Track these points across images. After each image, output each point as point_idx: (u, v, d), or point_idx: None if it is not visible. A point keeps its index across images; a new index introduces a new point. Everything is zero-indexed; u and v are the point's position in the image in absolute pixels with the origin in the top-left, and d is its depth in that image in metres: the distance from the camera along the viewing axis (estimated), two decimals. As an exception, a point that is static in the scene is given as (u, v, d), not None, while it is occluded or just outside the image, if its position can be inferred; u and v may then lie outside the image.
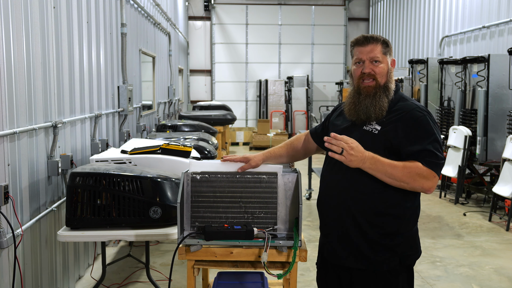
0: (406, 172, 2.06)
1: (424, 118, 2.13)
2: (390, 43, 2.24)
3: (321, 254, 2.42)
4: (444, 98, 8.14)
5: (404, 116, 2.15)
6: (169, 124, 7.23)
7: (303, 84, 15.37)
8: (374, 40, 2.19)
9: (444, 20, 10.96)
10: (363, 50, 2.20)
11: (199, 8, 16.39)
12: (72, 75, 4.10)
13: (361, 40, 2.21)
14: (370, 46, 2.18)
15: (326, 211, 2.31)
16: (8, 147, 2.95)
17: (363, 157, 2.04)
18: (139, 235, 2.94)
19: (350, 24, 16.90)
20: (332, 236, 2.29)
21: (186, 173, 2.44)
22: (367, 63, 2.19)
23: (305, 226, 5.95)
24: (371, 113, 2.17)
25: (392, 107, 2.19)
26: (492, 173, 7.07)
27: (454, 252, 5.14)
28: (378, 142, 2.14)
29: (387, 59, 2.21)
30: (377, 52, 2.18)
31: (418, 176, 2.06)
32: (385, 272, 2.20)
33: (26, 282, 3.19)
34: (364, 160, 2.05)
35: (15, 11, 3.04)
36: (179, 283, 4.19)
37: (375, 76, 2.18)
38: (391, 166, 2.06)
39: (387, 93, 2.19)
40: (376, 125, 2.17)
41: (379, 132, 2.15)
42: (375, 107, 2.16)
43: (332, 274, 2.35)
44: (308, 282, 4.26)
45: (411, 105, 2.19)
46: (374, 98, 2.17)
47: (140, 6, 7.01)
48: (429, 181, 2.08)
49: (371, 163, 2.06)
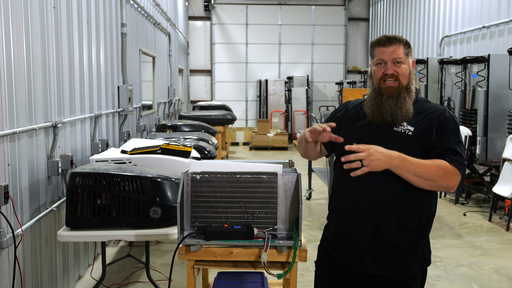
0: (434, 170, 2.03)
1: (453, 120, 2.14)
2: (411, 44, 2.21)
3: (330, 259, 2.30)
4: (444, 98, 8.14)
5: (435, 117, 2.13)
6: (169, 124, 7.23)
7: (303, 84, 15.37)
8: (396, 40, 2.16)
9: (444, 20, 10.96)
10: (385, 50, 2.15)
11: (199, 8, 16.39)
12: (72, 75, 4.10)
13: (383, 41, 2.17)
14: (392, 46, 2.15)
15: (350, 217, 2.19)
16: (8, 147, 2.95)
17: (388, 156, 2.00)
18: (139, 235, 2.94)
19: (350, 24, 16.90)
20: (354, 241, 2.18)
21: (186, 173, 2.44)
22: (390, 64, 2.15)
23: (305, 226, 5.95)
24: (398, 115, 2.12)
25: (419, 109, 2.17)
26: (492, 173, 7.07)
27: (454, 252, 5.14)
28: (414, 143, 2.10)
29: (409, 60, 2.17)
30: (399, 52, 2.14)
31: (446, 174, 2.04)
32: (408, 278, 2.16)
33: (26, 282, 3.19)
34: (391, 160, 2.00)
35: (15, 11, 3.04)
36: (179, 283, 4.19)
37: (398, 77, 2.14)
38: (419, 165, 2.02)
39: (410, 94, 2.15)
40: (408, 126, 2.12)
41: (414, 133, 2.11)
42: (401, 109, 2.11)
43: (344, 280, 2.24)
44: (308, 282, 4.26)
45: (439, 106, 2.19)
46: (398, 99, 2.13)
47: (140, 6, 7.01)
48: (454, 179, 2.06)
49: (399, 162, 2.01)
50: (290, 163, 2.65)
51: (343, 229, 2.23)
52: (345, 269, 2.23)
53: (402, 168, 2.02)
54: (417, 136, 2.11)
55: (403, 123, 2.12)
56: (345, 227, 2.22)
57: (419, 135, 2.11)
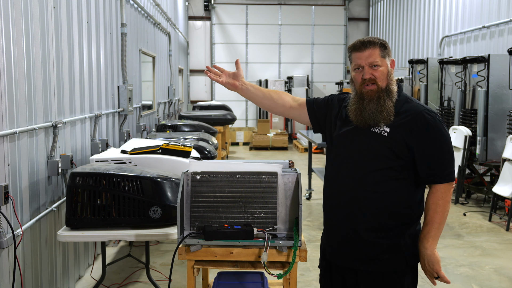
0: (441, 215, 2.16)
1: (434, 121, 2.14)
2: (387, 44, 2.22)
3: (325, 255, 2.40)
4: (444, 98, 8.14)
5: (413, 118, 2.14)
6: (169, 124, 7.22)
7: (303, 84, 15.37)
8: (371, 44, 2.16)
9: (444, 20, 10.96)
10: (361, 55, 2.17)
11: (199, 8, 16.39)
12: (72, 75, 4.10)
13: (358, 45, 2.18)
14: (368, 51, 2.16)
15: (333, 213, 2.30)
16: (8, 147, 2.95)
17: (431, 260, 2.18)
18: (139, 235, 2.94)
19: (350, 24, 16.90)
20: (339, 238, 2.27)
21: (186, 173, 2.44)
22: (367, 68, 2.17)
23: (305, 226, 5.95)
24: (379, 118, 2.15)
25: (399, 109, 2.18)
26: (492, 173, 7.07)
27: (454, 252, 5.14)
28: (387, 144, 2.14)
29: (386, 62, 2.18)
30: (375, 56, 2.15)
31: (443, 200, 2.16)
32: (391, 273, 2.21)
33: (26, 282, 3.20)
34: (430, 257, 2.18)
35: (15, 11, 3.04)
36: (179, 283, 4.19)
37: (376, 80, 2.17)
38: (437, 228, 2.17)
39: (390, 95, 2.17)
40: (385, 127, 2.15)
41: (389, 134, 2.14)
42: (382, 112, 2.14)
43: (337, 276, 2.34)
44: (308, 282, 4.26)
45: (419, 106, 2.19)
46: (379, 102, 2.15)
47: (140, 6, 7.01)
48: (450, 190, 2.19)
49: (432, 248, 2.18)
50: (290, 163, 2.64)
51: (328, 226, 2.35)
52: (337, 265, 2.32)
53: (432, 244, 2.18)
54: (392, 137, 2.14)
55: (381, 123, 2.16)
56: (329, 225, 2.34)
57: (394, 136, 2.14)
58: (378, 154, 2.15)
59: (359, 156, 2.19)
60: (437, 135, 2.13)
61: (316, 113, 2.43)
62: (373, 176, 2.15)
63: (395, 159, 2.13)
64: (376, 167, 2.16)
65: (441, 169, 2.14)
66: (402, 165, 2.15)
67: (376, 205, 2.17)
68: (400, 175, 2.16)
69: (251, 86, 2.48)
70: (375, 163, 2.16)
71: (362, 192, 2.18)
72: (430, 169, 2.14)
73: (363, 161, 2.18)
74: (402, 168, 2.16)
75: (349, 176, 2.21)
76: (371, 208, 2.17)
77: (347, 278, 2.29)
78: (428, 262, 2.17)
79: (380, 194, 2.16)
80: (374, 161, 2.16)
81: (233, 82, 2.46)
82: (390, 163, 2.14)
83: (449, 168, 2.15)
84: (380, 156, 2.15)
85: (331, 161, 2.32)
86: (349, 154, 2.22)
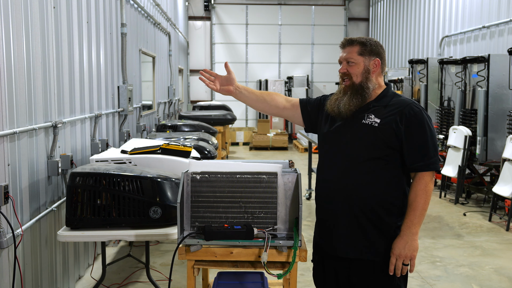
0: (422, 205, 2.22)
1: (421, 113, 2.25)
2: (372, 45, 2.32)
3: (317, 248, 2.48)
4: (444, 98, 8.14)
5: (402, 110, 2.25)
6: (169, 124, 7.22)
7: (303, 84, 15.36)
8: (351, 42, 2.33)
9: (444, 20, 10.96)
10: (343, 52, 2.35)
11: (199, 8, 16.39)
12: (72, 75, 4.10)
13: (342, 44, 2.37)
14: (347, 48, 2.33)
15: (325, 203, 2.38)
16: (8, 147, 2.95)
17: (406, 243, 2.22)
18: (139, 235, 2.94)
19: (350, 24, 16.90)
20: (331, 228, 2.35)
21: (186, 173, 2.44)
22: (344, 64, 2.34)
23: (305, 226, 5.95)
24: (342, 109, 2.30)
25: (388, 101, 2.30)
26: (492, 173, 7.07)
27: (454, 252, 5.14)
28: (377, 134, 2.24)
29: (363, 60, 2.30)
30: (352, 53, 2.31)
31: (427, 187, 2.24)
32: (382, 262, 2.28)
33: (26, 282, 3.20)
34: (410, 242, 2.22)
35: (15, 11, 3.04)
36: (179, 283, 4.19)
37: (350, 75, 2.32)
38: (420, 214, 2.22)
39: (361, 91, 2.30)
40: (375, 118, 2.26)
41: (379, 125, 2.25)
42: (345, 104, 2.30)
43: (329, 268, 2.41)
44: (308, 282, 4.26)
45: (407, 100, 2.31)
46: (347, 96, 2.31)
47: (140, 6, 7.01)
48: (433, 179, 2.26)
49: (414, 234, 2.23)
50: (290, 163, 2.65)
51: (320, 218, 2.43)
52: (329, 257, 2.39)
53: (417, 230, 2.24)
54: (382, 128, 2.24)
55: (371, 115, 2.28)
56: (321, 216, 2.42)
57: (384, 126, 2.24)
58: (369, 144, 2.25)
59: (350, 147, 2.29)
60: (423, 126, 2.24)
61: (309, 113, 2.54)
62: (362, 166, 2.26)
63: (385, 148, 2.24)
64: (366, 157, 2.26)
65: (427, 157, 2.23)
66: (390, 154, 2.26)
67: (367, 194, 2.26)
68: (388, 164, 2.26)
69: (245, 89, 2.57)
70: (365, 153, 2.26)
71: (352, 182, 2.27)
72: (416, 156, 2.23)
73: (354, 152, 2.28)
74: (390, 158, 2.26)
75: (340, 167, 2.30)
76: (362, 198, 2.26)
77: (339, 270, 2.36)
78: (409, 246, 2.22)
79: (369, 183, 2.25)
80: (365, 151, 2.26)
81: (227, 88, 2.54)
82: (379, 152, 2.25)
83: (433, 157, 2.24)
84: (370, 147, 2.25)
85: (323, 155, 2.43)
86: (340, 146, 2.33)
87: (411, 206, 2.24)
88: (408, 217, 2.24)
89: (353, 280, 2.32)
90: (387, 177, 2.26)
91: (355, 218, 2.28)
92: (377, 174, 2.25)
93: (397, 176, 2.28)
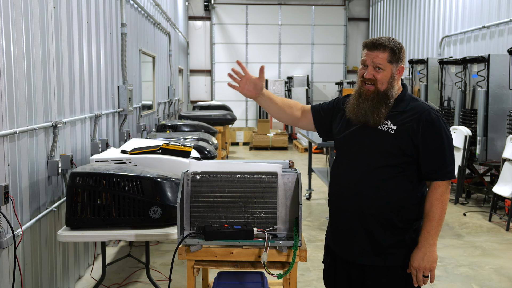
0: (439, 214, 2.19)
1: (438, 121, 2.20)
2: (400, 51, 2.23)
3: (329, 250, 2.45)
4: (444, 98, 8.14)
5: (419, 116, 2.19)
6: (169, 124, 7.22)
7: (303, 84, 15.36)
8: (382, 46, 2.20)
9: (444, 20, 10.96)
10: (370, 54, 2.22)
11: (199, 8, 16.38)
12: (72, 75, 4.10)
13: (370, 44, 2.24)
14: (376, 52, 2.21)
15: (339, 209, 2.34)
16: (8, 147, 2.95)
17: (425, 254, 2.19)
18: (139, 235, 2.94)
19: (350, 24, 16.89)
20: (345, 234, 2.32)
21: (186, 173, 2.44)
22: (370, 68, 2.22)
23: (305, 226, 5.95)
24: (369, 118, 2.21)
25: (405, 107, 2.24)
26: (492, 173, 7.06)
27: (454, 252, 5.14)
28: (394, 142, 2.19)
29: (391, 67, 2.22)
30: (381, 59, 2.20)
31: (443, 197, 2.20)
32: (397, 267, 2.25)
33: (26, 282, 3.19)
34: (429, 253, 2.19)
35: (15, 11, 3.04)
36: (179, 283, 4.19)
37: (376, 82, 2.22)
38: (438, 224, 2.19)
39: (385, 100, 2.22)
40: (391, 125, 2.21)
41: (396, 132, 2.20)
42: (372, 113, 2.21)
43: (342, 272, 2.38)
44: (308, 282, 4.26)
45: (424, 105, 2.24)
46: (373, 103, 2.22)
47: (140, 6, 7.01)
48: (449, 187, 2.23)
49: (432, 245, 2.19)
50: (290, 163, 2.65)
51: (333, 222, 2.40)
52: (342, 261, 2.36)
53: (435, 240, 2.20)
54: (399, 135, 2.19)
55: (387, 121, 2.22)
56: (335, 221, 2.38)
57: (401, 134, 2.19)
58: (385, 151, 2.20)
59: (366, 153, 2.24)
60: (441, 134, 2.19)
61: (322, 118, 2.50)
62: (379, 173, 2.20)
63: (401, 156, 2.19)
64: (381, 163, 2.20)
65: (444, 166, 2.19)
66: (407, 162, 2.20)
67: (381, 201, 2.21)
68: (405, 172, 2.21)
69: (269, 98, 2.52)
70: (381, 160, 2.20)
71: (367, 188, 2.22)
72: (433, 165, 2.19)
73: (369, 158, 2.23)
74: (407, 165, 2.21)
75: (355, 172, 2.26)
76: (376, 204, 2.21)
77: (353, 273, 2.32)
78: (427, 257, 2.19)
79: (385, 190, 2.21)
80: (380, 158, 2.21)
81: (252, 92, 2.47)
82: (396, 160, 2.20)
83: (450, 166, 2.20)
84: (386, 153, 2.20)
85: (338, 159, 2.38)
86: (355, 151, 2.28)
87: (427, 216, 2.20)
88: (425, 228, 2.20)
89: (367, 283, 2.28)
90: (402, 185, 2.21)
91: (369, 225, 2.24)
92: (393, 181, 2.20)
93: (413, 183, 2.23)
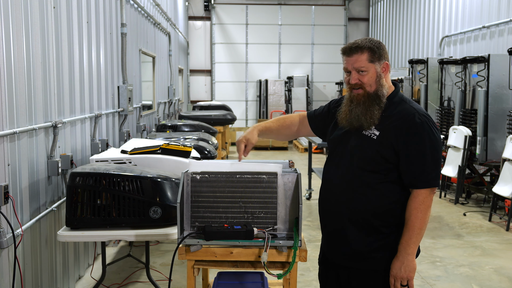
0: (419, 224, 2.15)
1: (422, 126, 2.13)
2: (379, 48, 2.18)
3: (322, 251, 2.47)
4: (444, 98, 8.14)
5: (402, 122, 2.14)
6: (169, 124, 7.22)
7: (303, 84, 15.36)
8: (359, 49, 2.16)
9: (444, 20, 10.96)
10: (349, 60, 2.19)
11: (199, 8, 16.38)
12: (72, 75, 4.10)
13: (347, 50, 2.20)
14: (355, 56, 2.17)
15: (325, 210, 2.36)
16: (8, 147, 2.95)
17: (403, 263, 2.16)
18: (139, 235, 2.94)
19: (350, 24, 16.89)
20: (330, 235, 2.35)
21: (186, 173, 2.44)
22: (354, 73, 2.19)
23: (305, 226, 5.95)
24: (363, 121, 2.18)
25: (392, 111, 2.19)
26: (492, 173, 7.07)
27: (454, 252, 5.14)
28: (375, 147, 2.16)
29: (374, 67, 2.17)
30: (362, 61, 2.16)
31: (423, 205, 2.14)
32: (382, 271, 2.24)
33: (26, 282, 3.19)
34: (407, 262, 2.16)
35: (15, 11, 3.04)
36: (179, 283, 4.19)
37: (363, 85, 2.18)
38: (418, 233, 2.15)
39: (377, 100, 2.18)
40: (375, 130, 2.17)
41: (378, 138, 2.16)
42: (365, 116, 2.17)
43: (332, 271, 2.41)
44: (308, 282, 4.26)
45: (411, 109, 2.17)
46: (364, 106, 2.18)
47: (140, 6, 7.01)
48: (431, 195, 2.16)
49: (410, 254, 2.15)
50: (290, 163, 2.65)
51: (322, 225, 2.43)
52: (331, 263, 2.38)
53: (414, 250, 2.17)
54: (380, 141, 2.16)
55: (371, 126, 2.18)
56: (323, 224, 2.42)
57: (382, 140, 2.15)
58: (367, 157, 2.17)
59: (350, 158, 2.22)
60: (423, 139, 2.12)
61: (319, 123, 2.52)
62: (362, 178, 2.19)
63: (383, 162, 2.15)
64: (365, 169, 2.18)
65: (423, 174, 2.12)
66: (389, 168, 2.17)
67: (365, 206, 2.19)
68: (388, 177, 2.18)
69: (265, 133, 2.56)
70: (365, 165, 2.18)
71: (351, 193, 2.21)
72: (412, 173, 2.13)
73: (354, 163, 2.21)
74: (389, 171, 2.17)
75: (340, 177, 2.26)
76: (360, 210, 2.20)
77: (341, 274, 2.35)
78: (405, 267, 2.15)
79: (367, 196, 2.19)
80: (364, 163, 2.18)
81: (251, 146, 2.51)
82: (378, 166, 2.17)
83: (431, 173, 2.13)
84: (369, 159, 2.17)
85: (327, 163, 2.40)
86: (341, 156, 2.27)
87: (406, 225, 2.15)
88: (404, 237, 2.15)
89: (352, 284, 2.29)
90: (386, 191, 2.18)
91: (352, 229, 2.22)
92: (376, 187, 2.17)
93: (396, 189, 2.19)
